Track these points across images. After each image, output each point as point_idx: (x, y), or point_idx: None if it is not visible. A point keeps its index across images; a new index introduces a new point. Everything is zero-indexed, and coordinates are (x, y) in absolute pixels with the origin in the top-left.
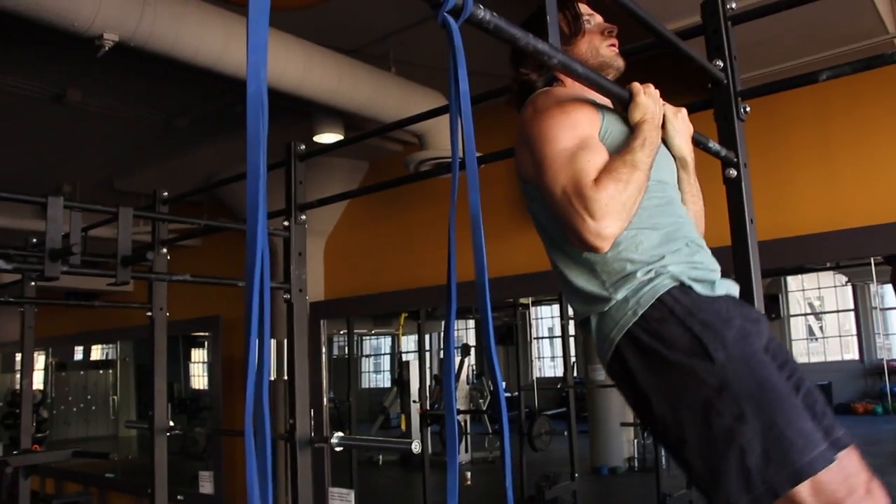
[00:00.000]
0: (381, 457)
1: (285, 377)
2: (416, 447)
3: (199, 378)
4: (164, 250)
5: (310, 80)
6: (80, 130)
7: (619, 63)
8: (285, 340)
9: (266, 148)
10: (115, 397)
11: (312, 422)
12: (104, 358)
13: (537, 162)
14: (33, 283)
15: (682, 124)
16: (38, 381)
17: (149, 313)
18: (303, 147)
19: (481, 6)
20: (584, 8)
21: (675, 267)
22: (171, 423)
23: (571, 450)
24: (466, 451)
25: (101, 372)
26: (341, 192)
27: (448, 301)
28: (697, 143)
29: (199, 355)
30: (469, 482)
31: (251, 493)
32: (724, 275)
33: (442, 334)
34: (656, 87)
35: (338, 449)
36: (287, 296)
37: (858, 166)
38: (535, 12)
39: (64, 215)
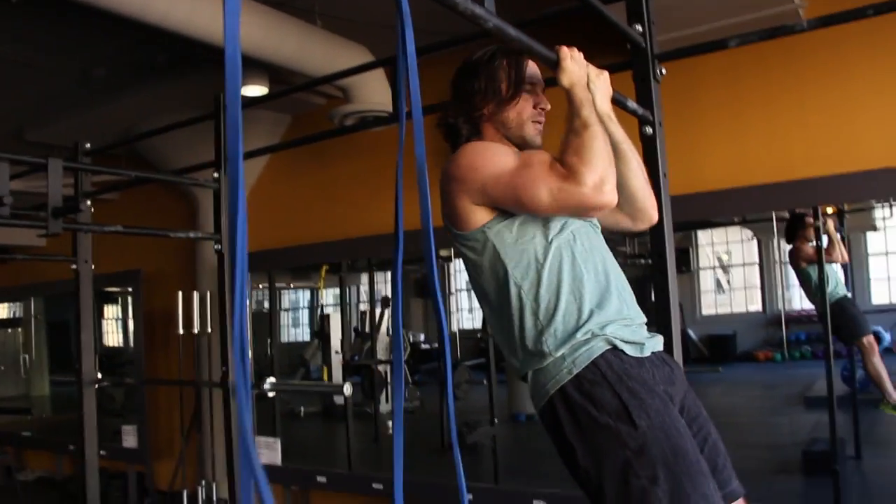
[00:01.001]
0: (302, 408)
1: (209, 329)
2: (347, 389)
3: (112, 335)
4: (89, 202)
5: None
6: None
7: (538, 143)
8: (208, 293)
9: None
10: (26, 356)
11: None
12: (11, 316)
13: (500, 194)
14: None
15: (603, 85)
16: None
17: (73, 266)
18: None
19: None
20: (531, 69)
21: (609, 328)
22: (100, 376)
23: (491, 398)
24: (387, 401)
25: (9, 331)
26: (265, 145)
27: (395, 249)
28: (617, 102)
29: (112, 311)
30: (390, 431)
31: (244, 436)
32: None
33: (361, 287)
34: (579, 47)
35: (270, 394)
36: (217, 246)
37: (765, 127)
38: None
39: None
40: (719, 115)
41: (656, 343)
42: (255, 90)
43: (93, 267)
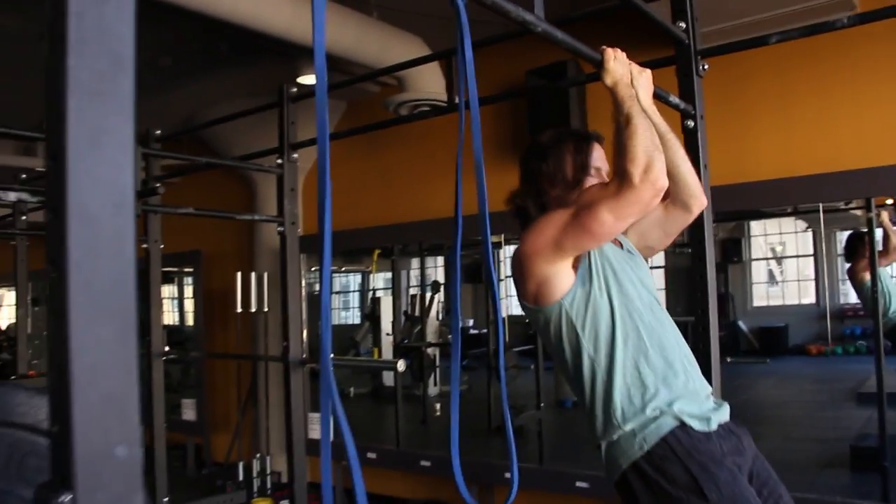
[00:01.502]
0: (352, 389)
1: (265, 308)
2: (401, 366)
3: (167, 314)
4: (159, 185)
5: (298, 26)
6: None
7: None
8: (265, 274)
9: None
10: None
11: (304, 345)
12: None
13: (569, 236)
14: (24, 217)
15: (645, 81)
16: (5, 317)
17: (144, 245)
18: (294, 90)
19: None
20: (596, 153)
21: (677, 404)
22: (167, 348)
23: (538, 383)
24: (435, 384)
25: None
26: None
27: (455, 233)
28: (659, 97)
29: (167, 291)
30: (439, 413)
31: (324, 406)
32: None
33: (412, 272)
34: (623, 40)
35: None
36: (280, 228)
37: (816, 118)
38: None
39: None
40: (768, 105)
41: (723, 414)
42: (314, 79)
43: (161, 247)
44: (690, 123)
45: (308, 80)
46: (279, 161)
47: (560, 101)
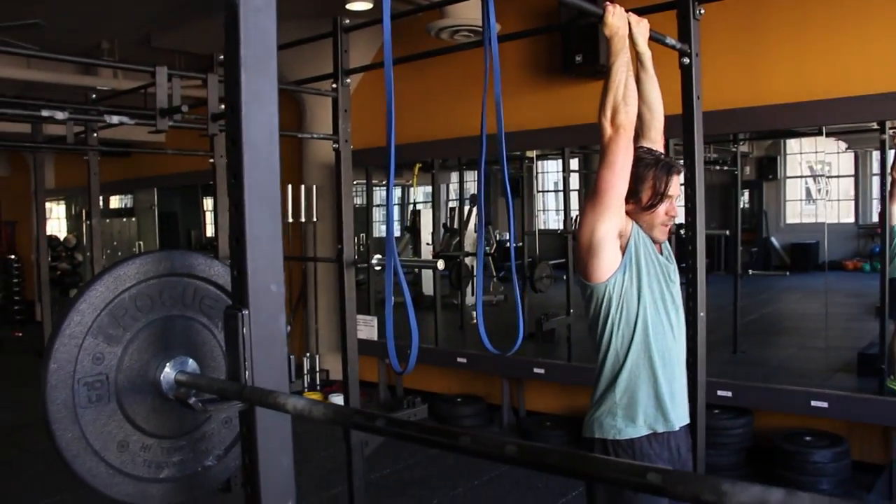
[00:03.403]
0: (393, 298)
1: (314, 219)
2: (440, 265)
3: (213, 226)
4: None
5: None
6: None
7: (662, 241)
8: (314, 186)
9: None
10: (141, 243)
11: (356, 247)
12: (122, 207)
13: (601, 196)
14: (95, 134)
15: (643, 29)
16: (64, 230)
17: (211, 160)
18: (347, 21)
19: None
20: (674, 183)
21: (658, 422)
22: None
23: (568, 292)
24: (472, 293)
25: (123, 220)
26: (361, 51)
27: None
28: (657, 39)
29: (212, 203)
30: (475, 321)
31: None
32: None
33: (451, 185)
34: None
35: (377, 268)
36: (336, 145)
37: (825, 46)
38: None
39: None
40: (783, 33)
41: (686, 417)
42: (361, 5)
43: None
44: (686, 61)
45: (357, 6)
46: (334, 86)
47: (591, 27)
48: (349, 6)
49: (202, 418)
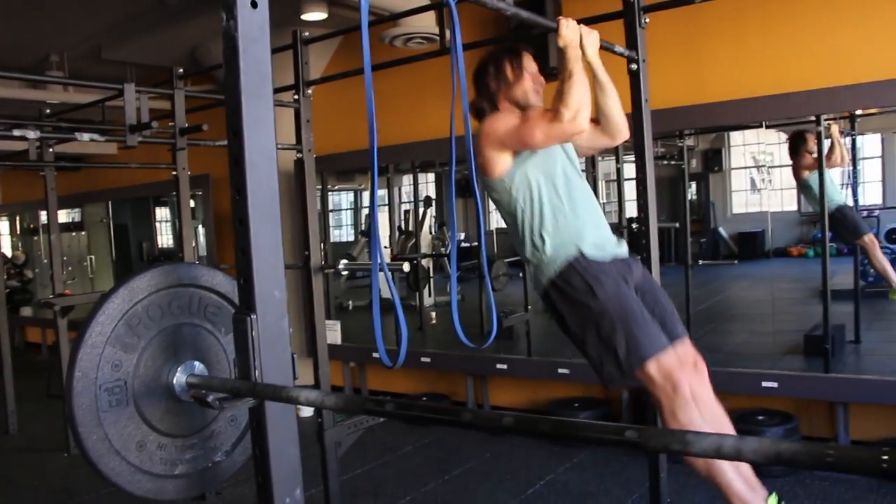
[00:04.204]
0: (350, 302)
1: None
2: (406, 267)
3: (163, 237)
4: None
5: None
6: (74, 4)
7: (540, 103)
8: None
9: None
10: (92, 257)
11: (322, 253)
12: (70, 221)
13: (510, 141)
14: (51, 150)
15: (594, 39)
16: (8, 247)
17: (174, 173)
18: (307, 34)
19: None
20: (526, 60)
21: (581, 242)
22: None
23: (525, 289)
24: (430, 294)
25: (73, 234)
26: (315, 60)
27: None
28: (607, 49)
29: (162, 214)
30: (434, 321)
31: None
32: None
33: (404, 188)
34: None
35: (344, 273)
36: (299, 155)
37: (763, 46)
38: None
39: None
40: (722, 35)
41: (620, 249)
42: (315, 15)
43: (189, 173)
44: (634, 66)
45: (312, 16)
46: (295, 97)
47: (541, 38)
48: (304, 16)
49: (210, 417)
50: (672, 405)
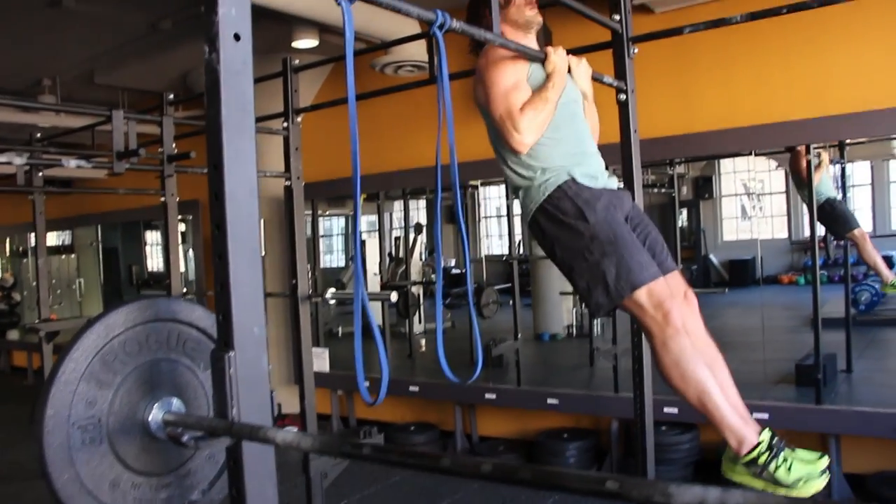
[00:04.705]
0: (340, 328)
1: (263, 253)
2: (394, 297)
3: (153, 260)
4: (173, 145)
5: (296, 1)
6: (68, 30)
7: (538, 20)
8: (262, 220)
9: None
10: (81, 280)
11: (310, 281)
12: (61, 244)
13: (487, 96)
14: (41, 174)
15: (583, 69)
16: None
17: (162, 199)
18: (297, 62)
19: (455, 20)
20: None
21: (572, 169)
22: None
23: (515, 317)
24: (420, 321)
25: (62, 257)
26: (305, 88)
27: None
28: (596, 79)
29: (153, 238)
30: (423, 349)
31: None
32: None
33: (395, 214)
34: (572, 26)
35: (332, 302)
36: (287, 182)
37: (753, 76)
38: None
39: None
40: (711, 65)
41: (611, 182)
42: (306, 42)
43: (178, 199)
44: (623, 97)
45: (303, 44)
46: (285, 124)
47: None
48: (295, 44)
49: (187, 455)
50: (663, 335)
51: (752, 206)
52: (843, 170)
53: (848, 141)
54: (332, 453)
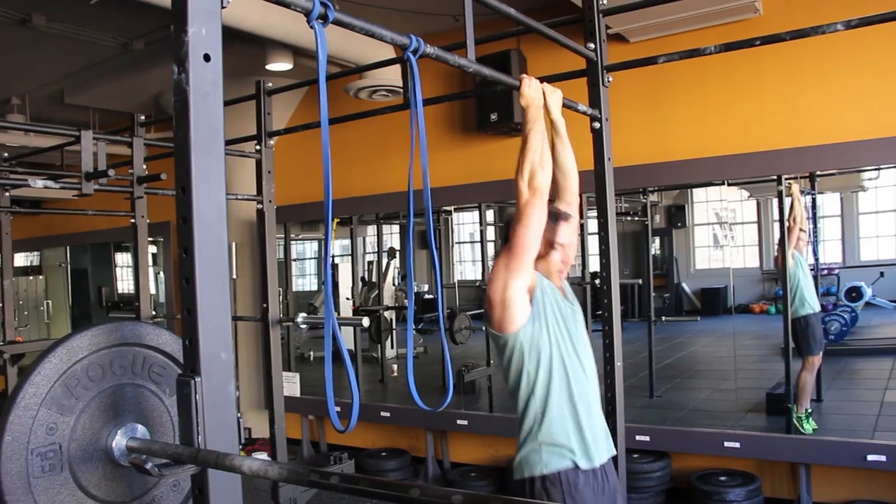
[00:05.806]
0: (312, 353)
1: (234, 276)
2: (366, 322)
3: (124, 282)
4: (144, 167)
5: (269, 23)
6: (38, 49)
7: (558, 286)
8: (234, 244)
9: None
10: (49, 301)
11: (280, 306)
12: (28, 265)
13: (512, 260)
14: (7, 194)
15: (557, 98)
16: None
17: (132, 220)
18: (270, 84)
19: (429, 45)
20: (563, 231)
21: (577, 453)
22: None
23: (487, 343)
24: (392, 346)
25: (30, 278)
26: (284, 112)
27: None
28: (570, 107)
29: (123, 259)
30: (395, 374)
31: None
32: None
33: (368, 238)
34: (547, 51)
35: (303, 326)
36: (260, 206)
37: (727, 107)
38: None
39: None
40: (685, 95)
41: (608, 454)
42: (280, 66)
43: (148, 221)
44: (597, 125)
45: (277, 66)
46: (257, 147)
47: (506, 92)
48: (269, 66)
49: (151, 483)
50: None
51: (724, 236)
52: (813, 200)
53: (819, 172)
54: (300, 482)
